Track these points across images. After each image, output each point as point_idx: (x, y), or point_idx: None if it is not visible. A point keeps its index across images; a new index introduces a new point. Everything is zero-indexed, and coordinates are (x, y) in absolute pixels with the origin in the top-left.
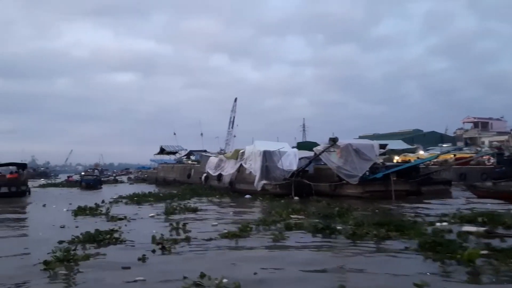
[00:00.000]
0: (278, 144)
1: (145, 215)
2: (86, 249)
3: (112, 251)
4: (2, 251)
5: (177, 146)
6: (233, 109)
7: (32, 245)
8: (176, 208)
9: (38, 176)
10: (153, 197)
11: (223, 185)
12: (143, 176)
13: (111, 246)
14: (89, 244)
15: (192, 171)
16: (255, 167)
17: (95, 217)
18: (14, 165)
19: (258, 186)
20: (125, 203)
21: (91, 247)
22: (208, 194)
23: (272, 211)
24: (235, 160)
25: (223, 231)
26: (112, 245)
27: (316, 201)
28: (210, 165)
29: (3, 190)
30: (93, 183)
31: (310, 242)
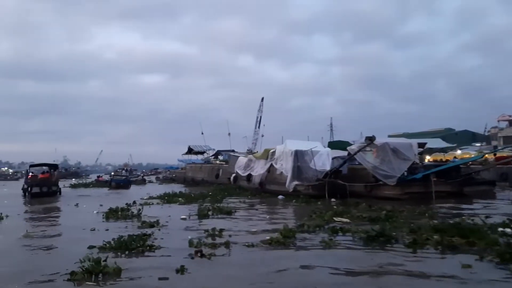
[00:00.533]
0: (310, 143)
1: (177, 217)
2: (117, 256)
3: (147, 260)
4: (28, 257)
5: (205, 146)
6: (259, 109)
7: (60, 250)
8: (209, 210)
9: (70, 176)
10: (184, 198)
11: (253, 185)
12: (171, 176)
13: (145, 254)
14: (121, 251)
15: (220, 171)
16: (287, 167)
17: (126, 219)
18: (46, 166)
19: (290, 187)
20: (156, 203)
21: (123, 255)
22: (239, 194)
23: (312, 214)
24: (265, 160)
25: (265, 237)
26: (146, 253)
27: (355, 203)
28: (239, 165)
29: (35, 190)
30: (123, 183)
31: (364, 250)
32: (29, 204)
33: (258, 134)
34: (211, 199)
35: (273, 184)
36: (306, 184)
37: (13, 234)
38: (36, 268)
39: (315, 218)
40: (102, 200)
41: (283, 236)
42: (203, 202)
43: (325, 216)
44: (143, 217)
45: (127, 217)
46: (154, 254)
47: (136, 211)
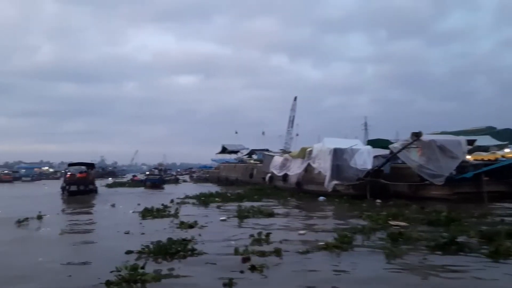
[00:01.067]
0: (350, 141)
1: (216, 218)
2: (157, 262)
3: (189, 268)
4: (62, 265)
5: (239, 145)
6: (292, 108)
7: (96, 255)
8: (249, 211)
9: (106, 175)
10: (221, 198)
11: (289, 185)
12: (205, 175)
13: (186, 260)
14: (161, 256)
15: (254, 171)
16: (325, 167)
17: (163, 219)
18: (83, 165)
19: (329, 186)
20: (192, 204)
21: (162, 261)
22: (276, 195)
23: (362, 215)
24: (302, 159)
25: (316, 241)
26: (187, 259)
27: (403, 204)
28: (274, 165)
29: (73, 188)
30: (157, 182)
31: (438, 260)
32: (67, 202)
33: (291, 134)
34: (248, 199)
35: (310, 184)
36: (346, 184)
37: (49, 234)
38: (72, 277)
39: (369, 221)
40: (137, 199)
41: (338, 241)
42: (240, 202)
43: (378, 219)
44: (181, 217)
45: (164, 217)
46: (197, 260)
47: (173, 211)
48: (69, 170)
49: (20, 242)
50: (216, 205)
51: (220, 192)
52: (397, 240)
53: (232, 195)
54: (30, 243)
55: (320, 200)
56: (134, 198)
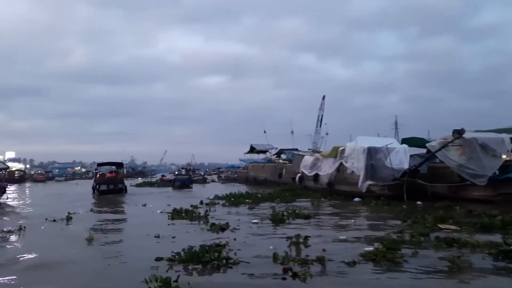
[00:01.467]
0: (384, 140)
1: (248, 221)
2: (188, 273)
3: (225, 278)
4: (88, 274)
5: (267, 144)
6: (321, 107)
7: (123, 262)
8: (283, 213)
9: (136, 175)
10: (251, 198)
11: (320, 185)
12: (233, 175)
13: (222, 269)
14: (193, 265)
15: (283, 171)
16: (358, 166)
17: (192, 221)
18: (112, 165)
19: (363, 187)
20: (221, 204)
21: (195, 271)
22: (308, 196)
23: (405, 218)
24: (333, 159)
25: (361, 247)
26: (224, 268)
27: (447, 206)
28: (305, 165)
29: (103, 187)
30: (186, 182)
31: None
32: (97, 202)
33: (319, 133)
34: (280, 200)
35: (343, 184)
36: (381, 184)
37: (77, 238)
38: None
39: (411, 223)
40: (166, 199)
41: (386, 248)
42: (272, 203)
43: (426, 222)
44: (211, 219)
45: (194, 218)
46: (233, 270)
47: (203, 212)
48: (99, 170)
49: (46, 244)
50: (247, 206)
51: (250, 193)
52: (451, 246)
53: (263, 195)
54: (56, 244)
55: (355, 201)
56: (163, 198)
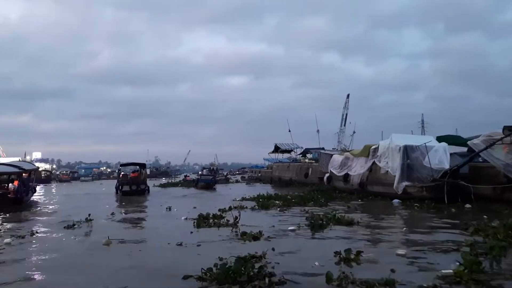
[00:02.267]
0: (421, 137)
1: (283, 227)
2: None
3: None
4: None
5: (292, 143)
6: (345, 106)
7: (144, 277)
8: (321, 218)
9: (160, 175)
10: (281, 201)
11: (351, 186)
12: (257, 175)
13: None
14: (229, 286)
15: (309, 170)
16: (393, 166)
17: (220, 228)
18: (135, 165)
19: (399, 188)
20: (250, 208)
21: None
22: (340, 198)
23: (464, 225)
24: (365, 158)
25: (442, 271)
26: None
27: (504, 209)
28: (333, 164)
29: (125, 188)
30: (210, 182)
31: None
32: (119, 203)
33: (344, 132)
34: (315, 203)
35: (376, 185)
36: (418, 186)
37: (93, 244)
38: None
39: (473, 232)
40: (190, 201)
41: (466, 270)
42: (304, 206)
43: (498, 232)
44: (241, 227)
45: (222, 225)
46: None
47: (231, 216)
48: (121, 170)
49: (56, 254)
50: (278, 209)
51: (280, 194)
52: None
53: (293, 197)
54: (68, 253)
55: (394, 204)
56: (187, 200)
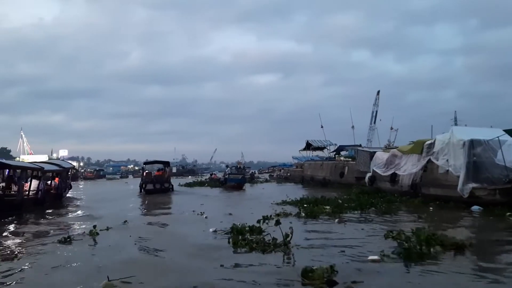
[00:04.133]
0: (488, 131)
1: (359, 255)
2: None
3: None
4: None
5: (325, 140)
6: (375, 103)
7: None
8: (409, 238)
9: (186, 173)
10: (332, 206)
11: (400, 188)
12: (286, 174)
13: None
14: None
15: (345, 169)
16: (456, 164)
17: (265, 250)
18: (158, 163)
19: (464, 190)
20: (295, 216)
21: None
22: (402, 202)
23: None
24: (418, 155)
25: None
26: None
27: None
28: (377, 163)
29: (149, 187)
30: (239, 182)
31: None
32: (140, 206)
33: (374, 130)
34: (377, 209)
35: (433, 186)
36: (490, 188)
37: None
38: None
39: None
40: (219, 203)
41: None
42: (362, 212)
43: None
44: (295, 250)
45: (266, 246)
46: None
47: (272, 229)
48: (145, 168)
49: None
50: (336, 220)
51: (328, 198)
52: None
53: (344, 200)
54: None
55: (475, 211)
56: (215, 202)
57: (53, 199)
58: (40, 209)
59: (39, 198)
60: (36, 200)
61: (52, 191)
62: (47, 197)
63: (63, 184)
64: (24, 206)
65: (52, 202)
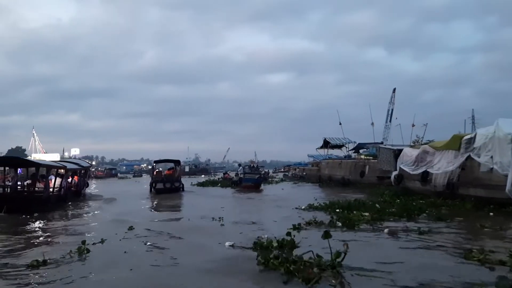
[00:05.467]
0: None
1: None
2: None
3: None
4: None
5: (344, 138)
6: (391, 101)
7: None
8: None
9: (199, 172)
10: (370, 212)
11: (433, 188)
12: (301, 173)
13: None
14: None
15: (366, 168)
16: (503, 162)
17: (308, 282)
18: (169, 161)
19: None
20: (327, 224)
21: None
22: (449, 206)
23: None
24: (455, 152)
25: None
26: None
27: None
28: (405, 160)
29: (159, 186)
30: (256, 182)
31: None
32: (148, 209)
33: (389, 128)
34: (429, 215)
35: (474, 186)
36: None
37: None
38: None
39: None
40: (235, 207)
41: None
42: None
43: None
44: (347, 272)
45: (306, 265)
46: None
47: (305, 242)
48: (156, 167)
49: None
50: (385, 230)
51: (363, 201)
52: None
53: (380, 204)
54: None
55: None
56: (231, 204)
57: (73, 195)
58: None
59: (61, 195)
60: (59, 197)
61: (72, 188)
62: (68, 194)
63: (81, 182)
64: (50, 202)
65: (72, 198)
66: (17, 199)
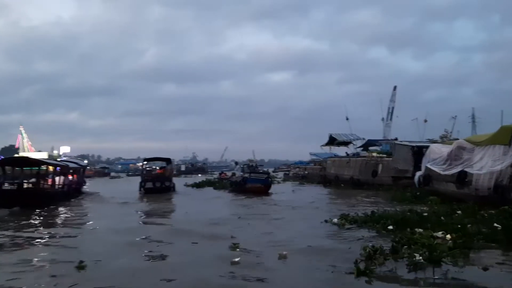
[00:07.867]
0: None
1: None
2: None
3: None
4: None
5: (351, 134)
6: (392, 99)
7: None
8: None
9: (196, 171)
10: (448, 231)
11: (473, 191)
12: (302, 173)
13: None
14: None
15: (379, 167)
16: None
17: None
18: (159, 160)
19: None
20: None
21: None
22: None
23: None
24: (503, 147)
25: None
26: None
27: None
28: (433, 158)
29: (148, 185)
30: (264, 184)
31: None
32: (136, 218)
33: (390, 126)
34: None
35: None
36: None
37: None
38: None
39: None
40: (246, 216)
41: None
42: None
43: None
44: None
45: None
46: None
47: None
48: (146, 165)
49: None
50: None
51: (426, 213)
52: None
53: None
54: None
55: None
56: (238, 210)
57: (74, 192)
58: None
59: (65, 191)
60: (63, 193)
61: (73, 185)
62: (70, 190)
63: (81, 179)
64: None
65: (73, 195)
66: (28, 196)
